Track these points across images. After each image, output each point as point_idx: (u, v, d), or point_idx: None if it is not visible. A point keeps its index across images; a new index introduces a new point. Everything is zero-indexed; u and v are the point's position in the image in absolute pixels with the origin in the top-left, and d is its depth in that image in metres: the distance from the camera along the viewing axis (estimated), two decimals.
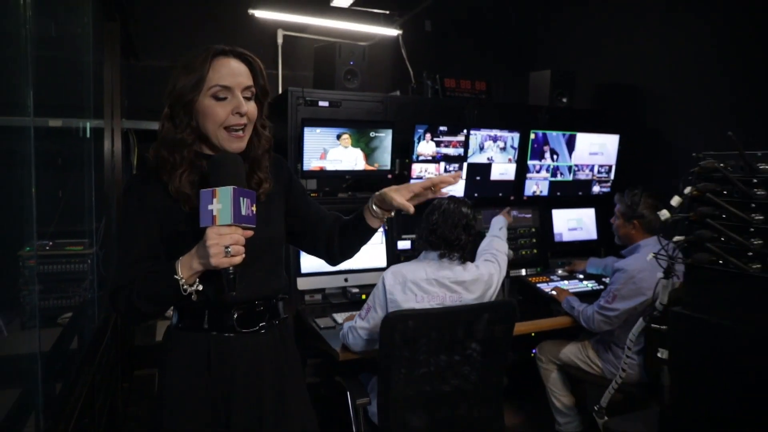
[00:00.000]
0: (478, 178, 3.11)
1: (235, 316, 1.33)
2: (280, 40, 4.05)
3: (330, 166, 2.74)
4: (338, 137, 2.72)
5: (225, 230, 1.14)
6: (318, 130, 2.67)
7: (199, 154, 1.32)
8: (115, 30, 3.14)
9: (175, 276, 1.18)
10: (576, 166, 3.39)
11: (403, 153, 2.92)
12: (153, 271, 1.25)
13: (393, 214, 1.42)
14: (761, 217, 1.00)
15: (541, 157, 3.26)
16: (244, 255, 1.17)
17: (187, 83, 1.25)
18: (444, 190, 1.37)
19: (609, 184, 3.54)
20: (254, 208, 1.20)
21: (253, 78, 1.31)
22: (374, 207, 1.39)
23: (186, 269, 1.18)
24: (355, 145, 2.77)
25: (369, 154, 2.81)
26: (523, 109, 3.48)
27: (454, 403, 1.96)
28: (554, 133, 3.26)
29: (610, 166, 3.50)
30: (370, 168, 2.83)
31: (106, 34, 3.08)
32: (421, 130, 2.88)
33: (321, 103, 2.80)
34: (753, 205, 1.02)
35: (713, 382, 1.08)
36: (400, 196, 1.33)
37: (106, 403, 2.36)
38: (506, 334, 1.97)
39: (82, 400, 1.80)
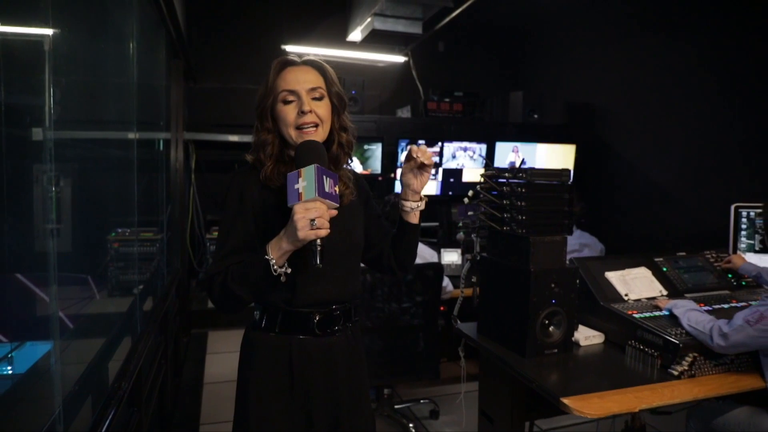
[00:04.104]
0: (451, 180, 3.96)
1: (316, 319, 1.38)
2: None
3: None
4: None
5: (310, 204, 1.18)
6: None
7: (284, 151, 1.41)
8: (179, 64, 4.16)
9: (266, 257, 1.23)
10: None
11: (391, 161, 3.81)
12: (247, 257, 1.32)
13: (422, 202, 1.46)
14: (507, 202, 1.86)
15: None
16: (329, 229, 1.19)
17: (261, 93, 1.39)
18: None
19: None
20: (337, 189, 1.24)
21: (325, 82, 1.39)
22: (402, 201, 1.46)
23: (276, 250, 1.23)
24: (353, 155, 3.67)
25: (364, 162, 3.72)
26: (491, 124, 4.30)
27: (404, 334, 2.84)
28: (516, 144, 4.06)
29: (569, 171, 4.25)
30: (365, 172, 3.74)
31: (173, 68, 4.11)
32: (403, 143, 3.76)
33: None
34: (505, 196, 1.88)
35: (495, 293, 1.97)
36: (409, 168, 1.42)
37: (170, 348, 3.29)
38: (438, 287, 2.84)
39: (158, 324, 2.77)
